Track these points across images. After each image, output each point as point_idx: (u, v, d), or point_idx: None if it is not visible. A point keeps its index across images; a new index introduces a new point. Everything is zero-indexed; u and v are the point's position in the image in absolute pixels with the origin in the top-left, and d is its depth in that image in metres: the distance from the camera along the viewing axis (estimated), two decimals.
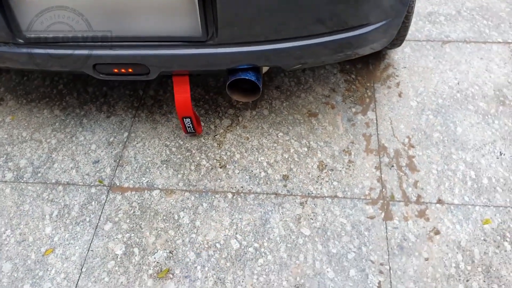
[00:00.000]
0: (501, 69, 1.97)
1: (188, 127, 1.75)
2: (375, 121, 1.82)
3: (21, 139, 1.86)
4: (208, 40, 1.46)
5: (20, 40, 1.51)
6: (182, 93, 1.66)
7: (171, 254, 1.51)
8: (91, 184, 1.70)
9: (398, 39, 1.83)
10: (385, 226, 1.54)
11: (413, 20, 2.16)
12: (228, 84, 1.58)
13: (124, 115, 1.92)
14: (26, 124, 1.91)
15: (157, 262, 1.49)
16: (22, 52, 1.54)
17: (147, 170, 1.73)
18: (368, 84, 1.95)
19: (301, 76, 2.00)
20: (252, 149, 1.77)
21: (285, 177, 1.69)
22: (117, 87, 2.02)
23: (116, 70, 1.58)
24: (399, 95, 1.91)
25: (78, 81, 2.05)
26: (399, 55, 2.06)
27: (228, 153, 1.77)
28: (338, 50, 1.58)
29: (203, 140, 1.81)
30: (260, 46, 1.49)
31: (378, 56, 2.05)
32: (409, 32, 2.05)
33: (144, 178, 1.71)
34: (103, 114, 1.93)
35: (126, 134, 1.85)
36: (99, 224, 1.59)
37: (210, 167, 1.73)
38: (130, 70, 1.57)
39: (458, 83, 1.93)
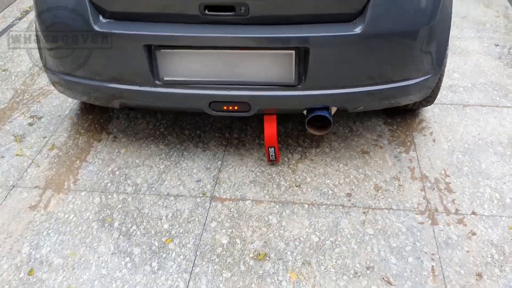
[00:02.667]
0: (511, 124, 2.50)
1: (271, 155, 2.25)
2: (416, 158, 2.32)
3: (135, 164, 2.36)
4: (298, 85, 2.02)
5: (158, 82, 2.08)
6: (270, 128, 2.19)
7: (265, 244, 1.93)
8: (196, 196, 2.16)
9: (431, 97, 2.39)
10: (432, 229, 1.96)
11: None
12: (307, 120, 2.11)
13: (216, 150, 2.43)
14: (138, 155, 2.42)
15: (255, 249, 1.91)
16: (160, 92, 2.09)
17: (239, 187, 2.20)
18: (408, 133, 2.48)
19: (352, 126, 2.54)
20: (320, 175, 2.25)
21: (349, 195, 2.15)
22: (208, 131, 2.55)
23: (225, 107, 2.12)
24: (433, 141, 2.42)
25: (176, 125, 2.59)
26: (430, 113, 2.61)
27: (301, 177, 2.24)
28: (388, 97, 2.13)
29: (280, 168, 2.30)
30: (335, 90, 2.04)
31: (413, 114, 2.60)
32: (436, 98, 2.61)
33: (238, 192, 2.17)
34: (199, 149, 2.44)
35: (219, 162, 2.34)
36: (206, 222, 2.03)
37: (288, 186, 2.20)
38: (236, 107, 2.11)
39: (479, 134, 2.45)
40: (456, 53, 3.12)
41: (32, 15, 3.84)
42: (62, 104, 2.79)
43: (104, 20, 1.99)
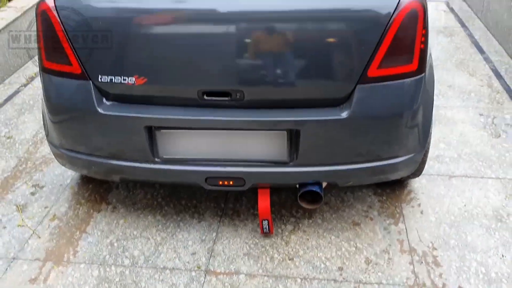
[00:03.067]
0: (496, 196, 2.60)
1: (265, 228, 2.33)
2: (405, 230, 2.40)
3: (133, 236, 2.43)
4: (290, 162, 2.13)
5: (157, 160, 2.19)
6: (264, 201, 2.29)
7: None
8: (191, 269, 2.22)
9: (418, 170, 2.50)
10: None
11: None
12: (300, 195, 2.21)
13: (211, 220, 2.51)
14: (135, 226, 2.49)
15: None
16: (159, 168, 2.20)
17: (234, 260, 2.26)
18: (397, 204, 2.57)
19: (344, 196, 2.64)
20: (312, 247, 2.33)
21: (340, 268, 2.21)
22: (204, 201, 2.64)
23: (220, 182, 2.22)
24: (421, 212, 2.51)
25: (173, 195, 2.68)
26: (418, 184, 2.71)
27: (294, 250, 2.31)
28: (377, 173, 2.24)
29: (273, 240, 2.37)
30: (325, 167, 2.15)
31: (402, 185, 2.70)
32: (424, 168, 2.72)
33: (232, 266, 2.24)
34: (195, 219, 2.52)
35: (214, 234, 2.42)
36: None
37: (281, 259, 2.26)
38: (231, 182, 2.22)
39: (465, 205, 2.55)
40: (443, 122, 3.26)
41: (37, 82, 4.01)
42: (64, 173, 2.89)
43: (107, 103, 2.12)
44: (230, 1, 1.97)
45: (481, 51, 4.29)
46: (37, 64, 2.19)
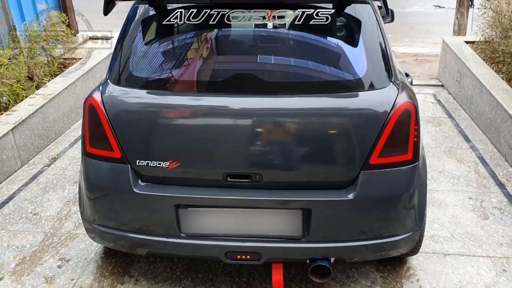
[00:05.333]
0: (487, 273, 2.84)
1: None
2: None
3: None
4: (303, 238, 2.39)
5: (183, 235, 2.44)
6: (278, 274, 2.52)
7: None
8: None
9: (416, 248, 2.76)
10: None
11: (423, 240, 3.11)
12: (310, 269, 2.45)
13: None
14: None
15: None
16: (183, 243, 2.45)
17: None
18: (397, 279, 2.80)
19: (349, 272, 2.86)
20: None
21: None
22: (219, 275, 2.85)
23: (239, 257, 2.46)
24: (420, 287, 2.74)
25: (191, 269, 2.90)
26: (416, 261, 2.95)
27: None
28: (378, 250, 2.49)
29: None
30: (333, 244, 2.41)
31: (401, 262, 2.94)
32: (421, 246, 2.97)
33: None
34: None
35: None
36: None
37: None
38: (248, 257, 2.46)
39: (459, 281, 2.78)
40: (436, 205, 3.56)
41: (59, 162, 4.32)
42: (88, 248, 3.11)
43: (142, 183, 2.42)
44: (253, 101, 2.34)
45: (467, 139, 4.70)
46: (59, 146, 2.46)
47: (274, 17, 2.44)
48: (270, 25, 2.46)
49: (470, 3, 7.04)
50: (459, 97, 5.72)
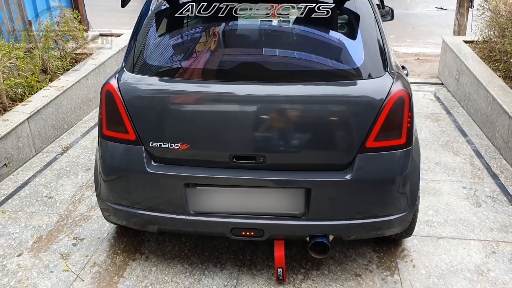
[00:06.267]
0: (478, 255, 3.01)
1: (280, 275, 2.71)
2: (400, 281, 2.79)
3: (164, 281, 2.80)
4: (303, 216, 2.58)
5: (192, 212, 2.63)
6: (279, 251, 2.70)
7: None
8: None
9: (409, 229, 2.93)
10: None
11: (416, 225, 3.28)
12: (310, 245, 2.62)
13: (232, 269, 2.89)
14: (166, 272, 2.87)
15: None
16: (192, 219, 2.63)
17: None
18: (392, 259, 2.98)
19: (347, 252, 3.04)
20: None
21: None
22: (225, 253, 3.04)
23: (243, 233, 2.64)
24: (413, 267, 2.91)
25: (198, 247, 3.08)
26: (410, 244, 3.13)
27: None
28: (374, 229, 2.67)
29: (287, 287, 2.75)
30: (332, 222, 2.59)
31: (396, 243, 3.12)
32: (414, 231, 3.13)
33: None
34: (217, 268, 2.90)
35: (235, 280, 2.80)
36: None
37: None
38: (252, 233, 2.64)
39: (450, 261, 2.95)
40: (431, 193, 3.73)
41: (72, 151, 4.52)
42: (101, 228, 3.30)
43: (154, 164, 2.61)
44: (259, 88, 2.52)
45: (464, 134, 4.87)
46: (72, 136, 2.60)
47: (279, 11, 2.63)
48: (274, 18, 2.65)
49: (470, 4, 7.21)
50: (457, 95, 5.89)
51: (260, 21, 2.68)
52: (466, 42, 6.46)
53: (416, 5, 13.03)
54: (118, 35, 6.91)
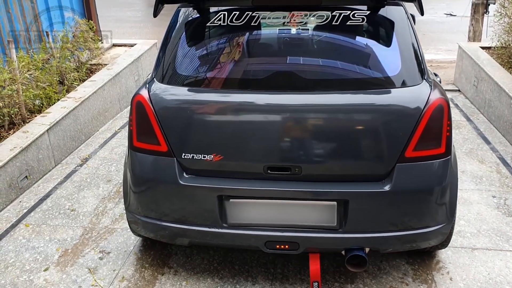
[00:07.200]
0: None
1: None
2: None
3: None
4: (339, 229, 2.51)
5: (225, 225, 2.56)
6: (315, 264, 2.63)
7: None
8: None
9: (446, 241, 2.85)
10: None
11: None
12: (347, 259, 2.55)
13: (264, 283, 2.82)
14: (197, 287, 2.80)
15: None
16: (225, 233, 2.57)
17: None
18: (428, 272, 2.90)
19: (380, 265, 2.97)
20: None
21: None
22: (255, 266, 2.97)
23: (278, 246, 2.57)
24: (450, 279, 2.83)
25: (227, 261, 3.01)
26: (444, 255, 3.05)
27: None
28: (411, 241, 2.59)
29: None
30: (369, 234, 2.52)
31: (430, 255, 3.04)
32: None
33: None
34: (249, 282, 2.83)
35: None
36: None
37: None
38: (287, 246, 2.57)
39: (488, 274, 2.87)
40: (460, 203, 3.65)
41: (91, 163, 4.47)
42: (127, 241, 3.24)
43: (187, 176, 2.55)
44: (293, 97, 2.46)
45: (487, 141, 4.79)
46: (90, 148, 2.54)
47: (312, 19, 2.58)
48: (308, 26, 2.60)
49: (485, 10, 7.16)
50: (476, 101, 5.82)
51: (293, 30, 2.63)
52: (483, 48, 6.40)
53: (425, 12, 12.96)
54: (132, 45, 6.89)
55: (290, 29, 2.64)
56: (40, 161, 4.18)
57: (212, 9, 2.69)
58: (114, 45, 7.00)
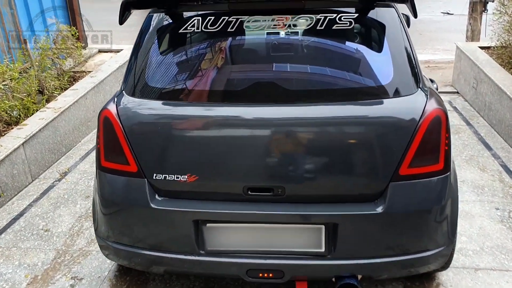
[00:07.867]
0: None
1: None
2: None
3: None
4: (328, 255, 2.26)
5: (202, 252, 2.32)
6: None
7: None
8: None
9: (447, 263, 2.61)
10: None
11: None
12: (338, 287, 2.31)
13: None
14: None
15: None
16: (203, 260, 2.32)
17: None
18: None
19: None
20: None
21: None
22: None
23: (261, 275, 2.33)
24: None
25: (208, 287, 2.78)
26: (445, 277, 2.80)
27: None
28: (408, 266, 2.35)
29: None
30: (361, 260, 2.28)
31: (429, 277, 2.80)
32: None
33: None
34: None
35: None
36: None
37: None
38: (271, 275, 2.33)
39: None
40: (461, 216, 3.41)
41: (70, 177, 4.23)
42: (101, 265, 3.00)
43: (159, 198, 2.31)
44: (275, 110, 2.22)
45: (488, 147, 4.55)
46: (70, 160, 2.36)
47: (295, 23, 2.34)
48: (291, 31, 2.36)
49: (484, 8, 6.92)
50: (476, 104, 5.58)
51: (274, 35, 2.39)
52: (481, 48, 6.17)
53: (421, 10, 12.70)
54: (118, 51, 6.66)
55: (271, 35, 2.40)
56: (15, 177, 3.94)
57: (186, 14, 2.45)
58: (100, 51, 6.77)
